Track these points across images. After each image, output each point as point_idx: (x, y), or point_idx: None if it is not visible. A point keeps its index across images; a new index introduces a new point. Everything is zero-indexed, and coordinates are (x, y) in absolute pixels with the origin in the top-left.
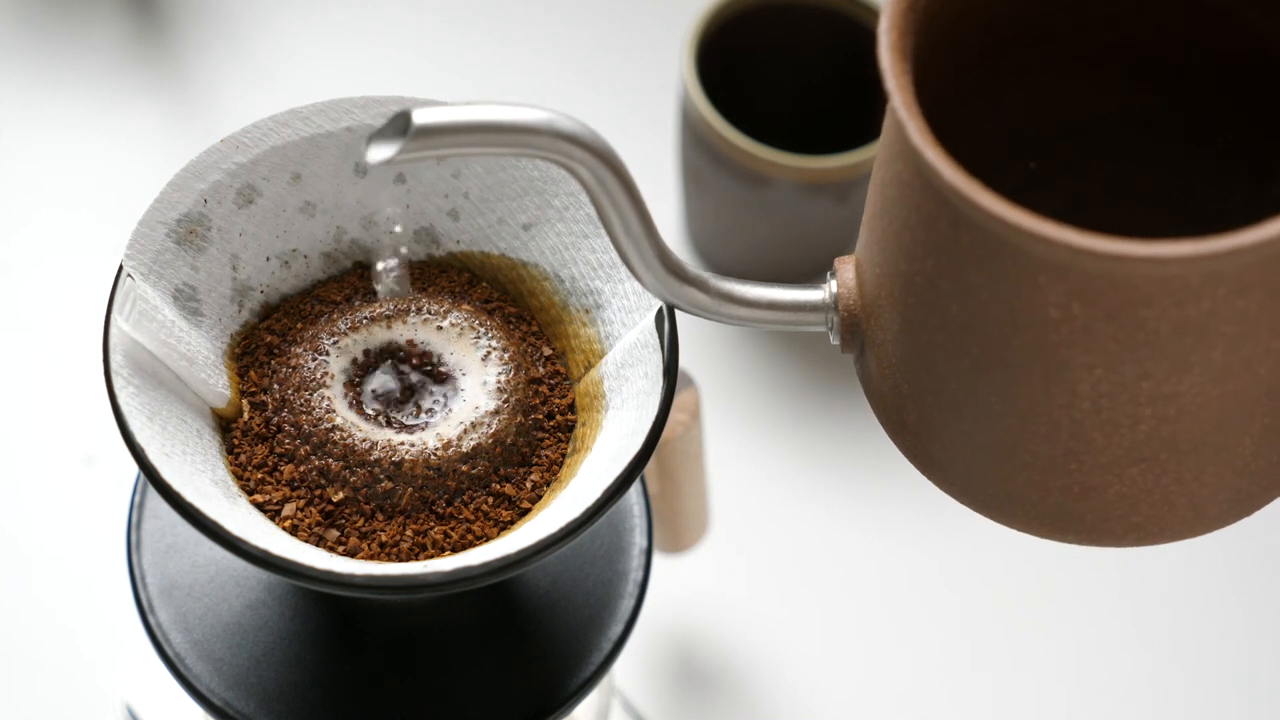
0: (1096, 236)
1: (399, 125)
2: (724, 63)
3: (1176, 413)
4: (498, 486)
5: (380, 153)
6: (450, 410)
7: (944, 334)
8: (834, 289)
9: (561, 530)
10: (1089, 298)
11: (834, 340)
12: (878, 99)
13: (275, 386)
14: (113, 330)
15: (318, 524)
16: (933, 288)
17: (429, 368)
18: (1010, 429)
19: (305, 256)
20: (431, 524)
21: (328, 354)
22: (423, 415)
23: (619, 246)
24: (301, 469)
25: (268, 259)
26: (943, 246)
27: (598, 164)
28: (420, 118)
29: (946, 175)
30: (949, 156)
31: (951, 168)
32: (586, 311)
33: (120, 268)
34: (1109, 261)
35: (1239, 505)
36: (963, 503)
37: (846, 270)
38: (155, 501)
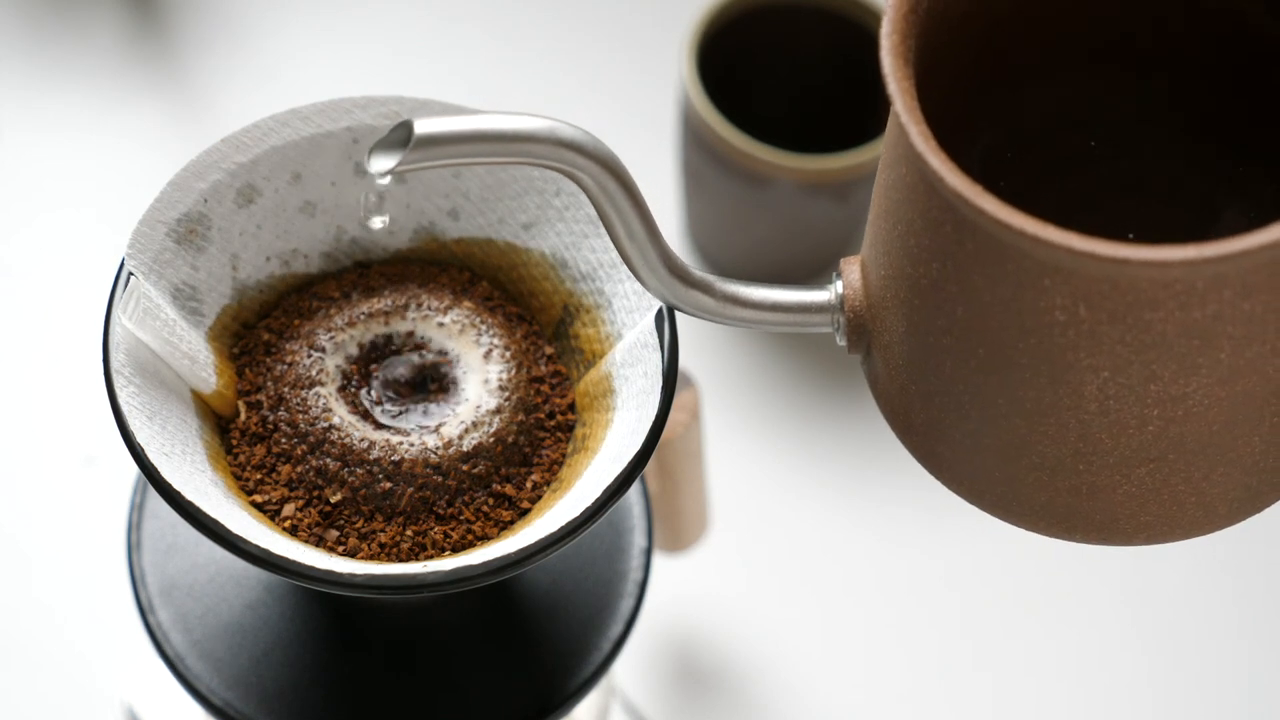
0: (1099, 241)
1: (400, 135)
2: (724, 63)
3: (1184, 414)
4: (498, 486)
5: (382, 162)
6: (451, 408)
7: (950, 336)
8: (840, 290)
9: (561, 530)
10: (1094, 301)
11: (840, 341)
12: (877, 99)
13: (270, 384)
14: (114, 329)
15: (316, 524)
16: (938, 291)
17: (428, 364)
18: (1018, 430)
19: (305, 256)
20: (431, 524)
21: (324, 350)
22: (422, 414)
23: (623, 251)
24: (299, 469)
25: (268, 259)
26: (948, 250)
27: (600, 171)
28: (422, 127)
29: (950, 181)
30: (952, 161)
31: (955, 173)
32: (587, 311)
33: (122, 265)
34: (1113, 265)
35: (1248, 503)
36: (971, 502)
37: (852, 271)
38: (155, 501)
